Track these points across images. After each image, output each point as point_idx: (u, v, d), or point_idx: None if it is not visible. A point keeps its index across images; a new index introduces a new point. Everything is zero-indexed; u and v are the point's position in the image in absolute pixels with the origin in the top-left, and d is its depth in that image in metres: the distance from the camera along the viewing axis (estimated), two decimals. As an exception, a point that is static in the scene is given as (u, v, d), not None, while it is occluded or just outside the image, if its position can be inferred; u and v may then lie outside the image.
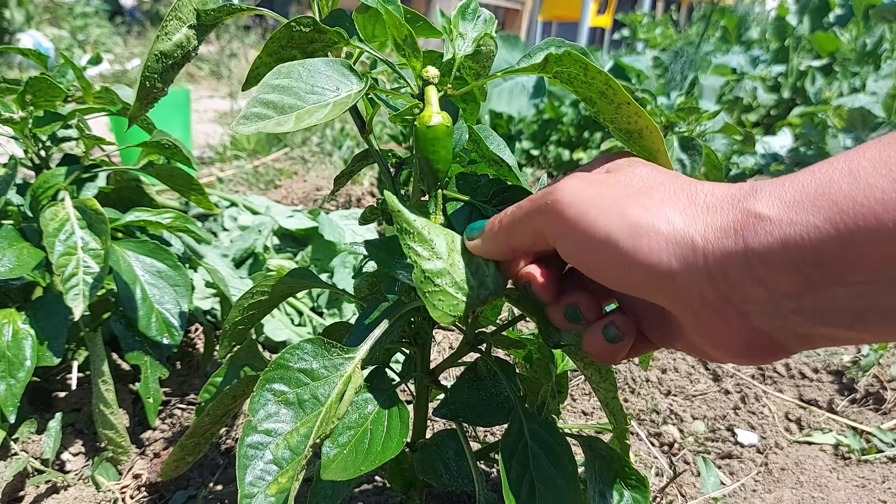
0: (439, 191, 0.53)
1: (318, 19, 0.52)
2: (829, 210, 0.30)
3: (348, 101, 0.46)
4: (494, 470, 0.95)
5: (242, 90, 0.55)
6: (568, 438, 0.71)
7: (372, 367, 0.59)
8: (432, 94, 0.50)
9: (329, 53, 0.55)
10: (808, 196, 0.31)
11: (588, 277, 0.41)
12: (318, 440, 0.45)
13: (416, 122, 0.49)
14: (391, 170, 0.60)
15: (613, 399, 0.59)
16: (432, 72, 0.50)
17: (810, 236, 0.31)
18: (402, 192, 0.62)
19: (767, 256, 0.32)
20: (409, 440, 0.68)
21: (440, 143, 0.49)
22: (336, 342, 0.50)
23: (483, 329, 0.63)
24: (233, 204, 1.72)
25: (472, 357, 0.64)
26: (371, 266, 0.89)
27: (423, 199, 0.56)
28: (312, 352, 0.48)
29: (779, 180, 0.34)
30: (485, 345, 0.62)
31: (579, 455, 0.93)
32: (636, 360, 1.21)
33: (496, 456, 0.88)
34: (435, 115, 0.49)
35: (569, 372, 0.73)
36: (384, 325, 0.52)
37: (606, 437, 0.91)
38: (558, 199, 0.40)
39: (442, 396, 0.62)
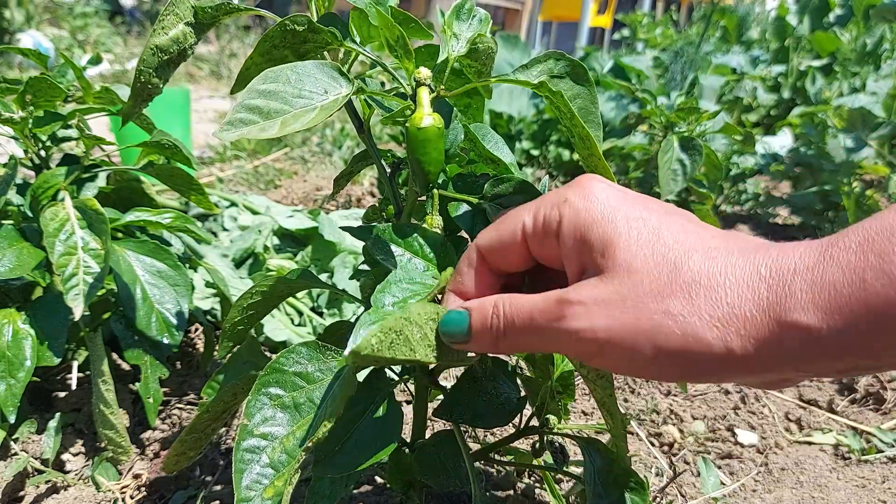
0: (436, 191, 0.53)
1: (314, 19, 0.51)
2: (868, 314, 0.31)
3: (335, 104, 0.46)
4: (493, 470, 0.95)
5: (231, 94, 0.55)
6: (567, 439, 0.71)
7: (371, 367, 0.59)
8: (424, 96, 0.50)
9: (325, 55, 0.55)
10: (843, 301, 0.32)
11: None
12: (311, 444, 0.45)
13: (406, 124, 0.49)
14: (389, 170, 0.60)
15: (610, 398, 0.59)
16: (424, 73, 0.49)
17: (853, 340, 0.32)
18: (401, 192, 0.62)
19: (812, 359, 0.33)
20: (408, 440, 0.68)
21: (431, 144, 0.49)
22: (331, 345, 0.50)
23: None
24: (233, 204, 1.72)
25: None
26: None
27: (420, 199, 0.56)
28: (308, 355, 0.48)
29: (806, 274, 0.33)
30: None
31: (579, 455, 0.93)
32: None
33: (495, 456, 0.88)
34: (426, 117, 0.49)
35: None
36: None
37: (605, 438, 0.91)
38: (579, 329, 0.38)
39: (441, 397, 0.62)
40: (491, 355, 0.62)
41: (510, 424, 0.65)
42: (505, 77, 0.49)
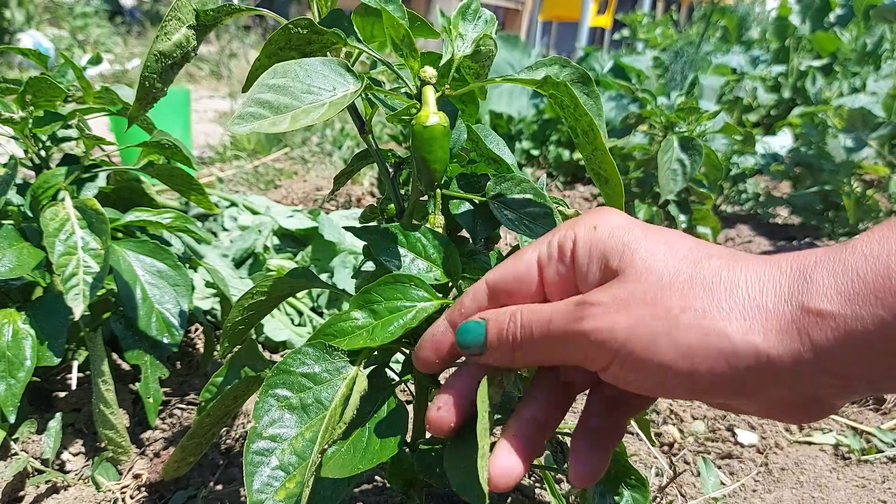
0: (438, 191, 0.53)
1: (316, 20, 0.52)
2: (894, 300, 0.30)
3: (344, 101, 0.46)
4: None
5: (243, 91, 0.55)
6: (566, 438, 0.70)
7: (372, 367, 0.59)
8: (430, 95, 0.50)
9: (328, 54, 0.55)
10: (867, 286, 0.31)
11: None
12: (325, 445, 0.45)
13: (412, 123, 0.49)
14: (390, 170, 0.60)
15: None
16: (430, 72, 0.50)
17: (879, 330, 0.31)
18: (402, 192, 0.62)
19: (839, 352, 0.32)
20: (408, 440, 0.68)
21: (437, 143, 0.49)
22: (337, 346, 0.50)
23: None
24: (233, 204, 1.72)
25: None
26: (371, 266, 0.89)
27: (422, 198, 0.56)
28: (314, 355, 0.48)
29: (828, 264, 0.33)
30: None
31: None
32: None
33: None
34: (432, 116, 0.49)
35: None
36: None
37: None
38: (597, 329, 0.37)
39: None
40: None
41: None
42: (510, 77, 0.49)
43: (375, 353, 0.58)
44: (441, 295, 0.52)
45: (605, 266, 0.39)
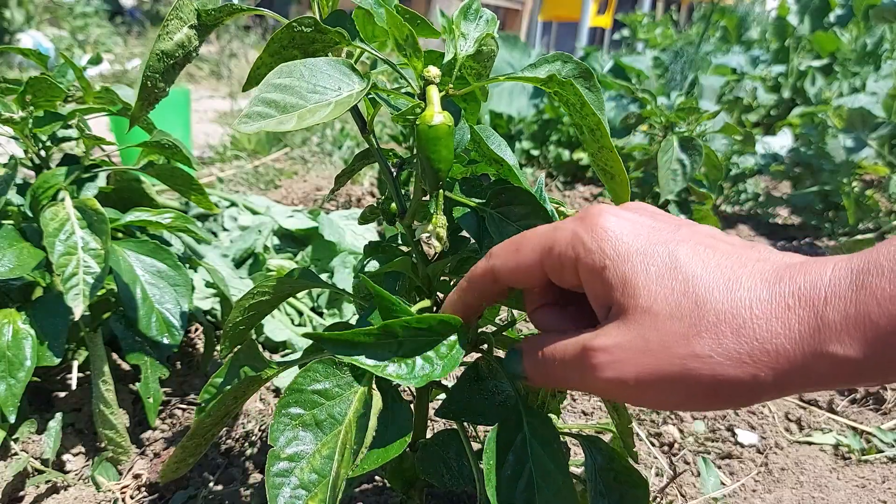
0: (441, 191, 0.53)
1: (318, 19, 0.52)
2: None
3: (350, 100, 0.46)
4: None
5: (243, 90, 0.55)
6: (568, 438, 0.71)
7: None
8: (434, 94, 0.50)
9: (329, 54, 0.55)
10: (882, 332, 0.31)
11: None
12: (348, 471, 0.45)
13: (417, 122, 0.49)
14: (392, 170, 0.60)
15: (616, 397, 0.59)
16: (434, 71, 0.50)
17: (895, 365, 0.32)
18: (403, 192, 0.62)
19: (849, 382, 0.33)
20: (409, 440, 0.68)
21: (442, 142, 0.49)
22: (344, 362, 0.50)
23: (483, 329, 0.63)
24: (233, 204, 1.72)
25: (472, 357, 0.64)
26: (372, 266, 0.89)
27: (424, 198, 0.56)
28: (324, 372, 0.49)
29: (839, 305, 0.32)
30: (486, 345, 0.62)
31: (579, 455, 0.94)
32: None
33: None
34: (437, 115, 0.49)
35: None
36: None
37: (606, 437, 0.91)
38: (608, 379, 0.39)
39: (443, 396, 0.62)
40: (493, 356, 0.62)
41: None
42: (514, 75, 0.49)
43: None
44: None
45: (608, 294, 0.40)
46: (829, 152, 2.17)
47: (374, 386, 0.49)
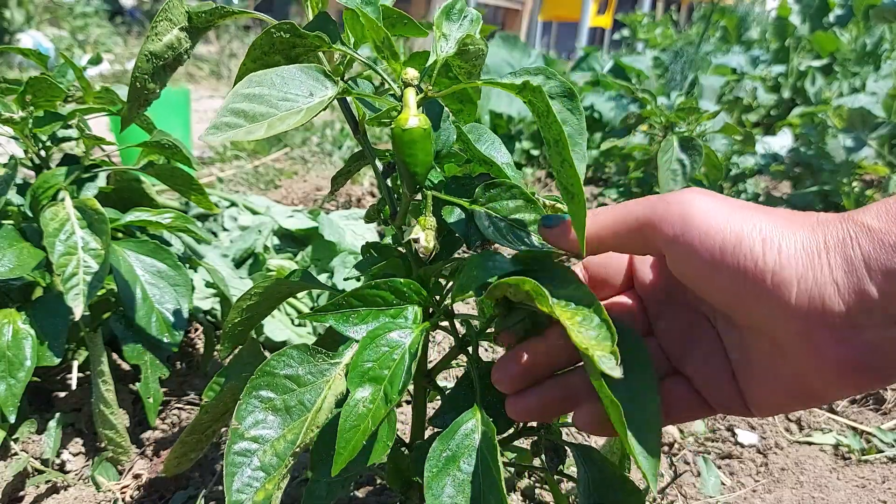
0: (429, 192, 0.53)
1: (296, 24, 0.51)
2: None
3: (320, 105, 0.46)
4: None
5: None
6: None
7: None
8: (410, 96, 0.49)
9: (321, 56, 0.55)
10: None
11: None
12: (299, 448, 0.45)
13: (392, 125, 0.49)
14: (384, 171, 0.60)
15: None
16: (411, 73, 0.49)
17: None
18: (396, 193, 0.62)
19: (884, 262, 0.35)
20: (407, 441, 0.68)
21: (417, 145, 0.48)
22: (322, 348, 0.50)
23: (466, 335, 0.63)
24: (233, 204, 1.72)
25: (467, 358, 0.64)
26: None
27: (416, 199, 0.56)
28: (299, 358, 0.48)
29: (873, 203, 0.38)
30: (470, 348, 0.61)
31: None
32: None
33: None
34: (412, 118, 0.48)
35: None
36: None
37: (603, 441, 0.91)
38: (681, 200, 0.41)
39: (440, 398, 0.62)
40: (477, 359, 0.61)
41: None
42: (493, 81, 0.48)
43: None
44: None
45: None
46: (829, 152, 2.17)
47: (342, 373, 0.49)
